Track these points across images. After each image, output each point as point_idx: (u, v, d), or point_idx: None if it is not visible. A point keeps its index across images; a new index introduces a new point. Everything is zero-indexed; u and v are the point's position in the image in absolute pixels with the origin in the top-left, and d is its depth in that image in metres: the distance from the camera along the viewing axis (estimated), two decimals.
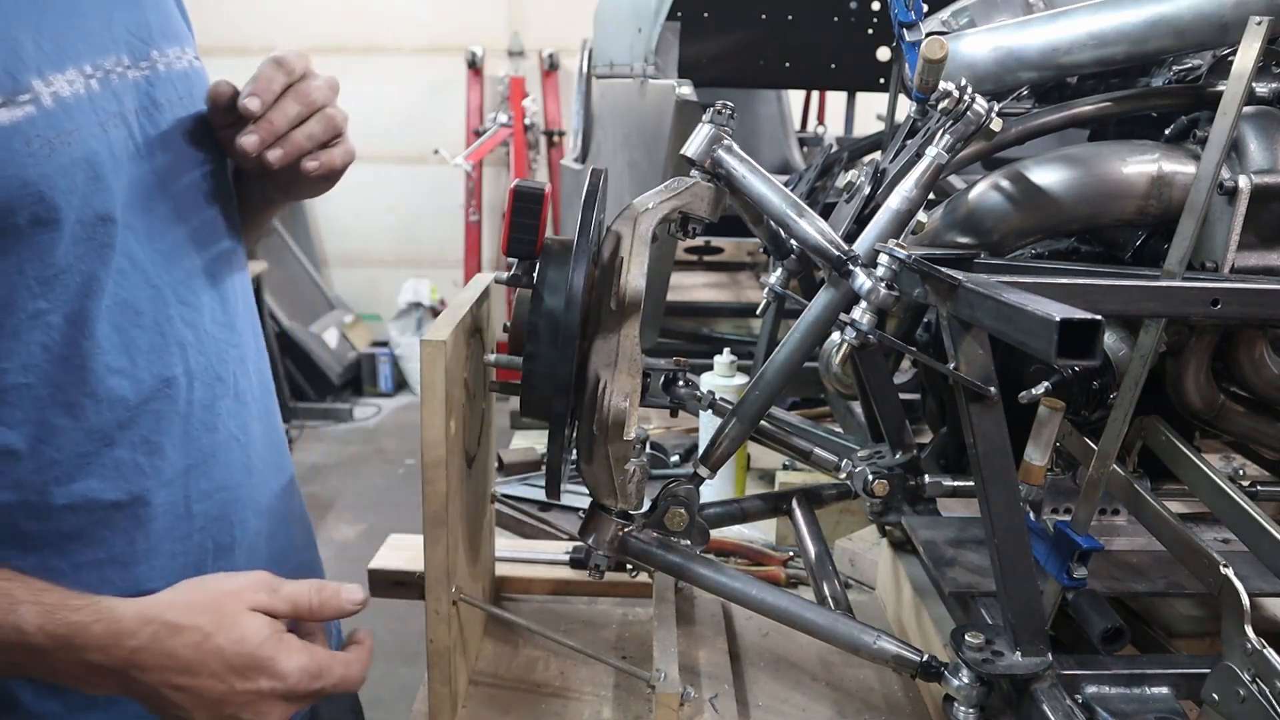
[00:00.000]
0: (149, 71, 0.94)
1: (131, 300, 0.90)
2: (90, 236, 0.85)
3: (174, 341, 0.93)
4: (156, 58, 0.96)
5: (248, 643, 0.80)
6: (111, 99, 0.89)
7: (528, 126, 6.07)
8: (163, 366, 0.92)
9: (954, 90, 1.01)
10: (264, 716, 0.82)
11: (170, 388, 0.93)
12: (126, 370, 0.89)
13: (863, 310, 0.96)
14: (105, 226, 0.86)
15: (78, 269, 0.84)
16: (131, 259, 0.89)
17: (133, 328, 0.90)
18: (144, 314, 0.91)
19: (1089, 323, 0.74)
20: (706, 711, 1.12)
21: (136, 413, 0.91)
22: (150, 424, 0.92)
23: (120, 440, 0.90)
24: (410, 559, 1.42)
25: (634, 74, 2.27)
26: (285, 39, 6.32)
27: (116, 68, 0.90)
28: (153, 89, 0.94)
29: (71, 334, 0.85)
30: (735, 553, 1.49)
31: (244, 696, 0.80)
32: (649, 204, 1.01)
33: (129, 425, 0.90)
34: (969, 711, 0.98)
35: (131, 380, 0.90)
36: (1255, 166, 1.04)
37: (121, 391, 0.89)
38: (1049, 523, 1.08)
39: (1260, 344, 1.08)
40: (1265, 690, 0.86)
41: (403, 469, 5.21)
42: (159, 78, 0.95)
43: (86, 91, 0.86)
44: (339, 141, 1.01)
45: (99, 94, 0.87)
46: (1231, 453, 1.47)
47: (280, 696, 0.82)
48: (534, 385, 0.98)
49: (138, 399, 0.90)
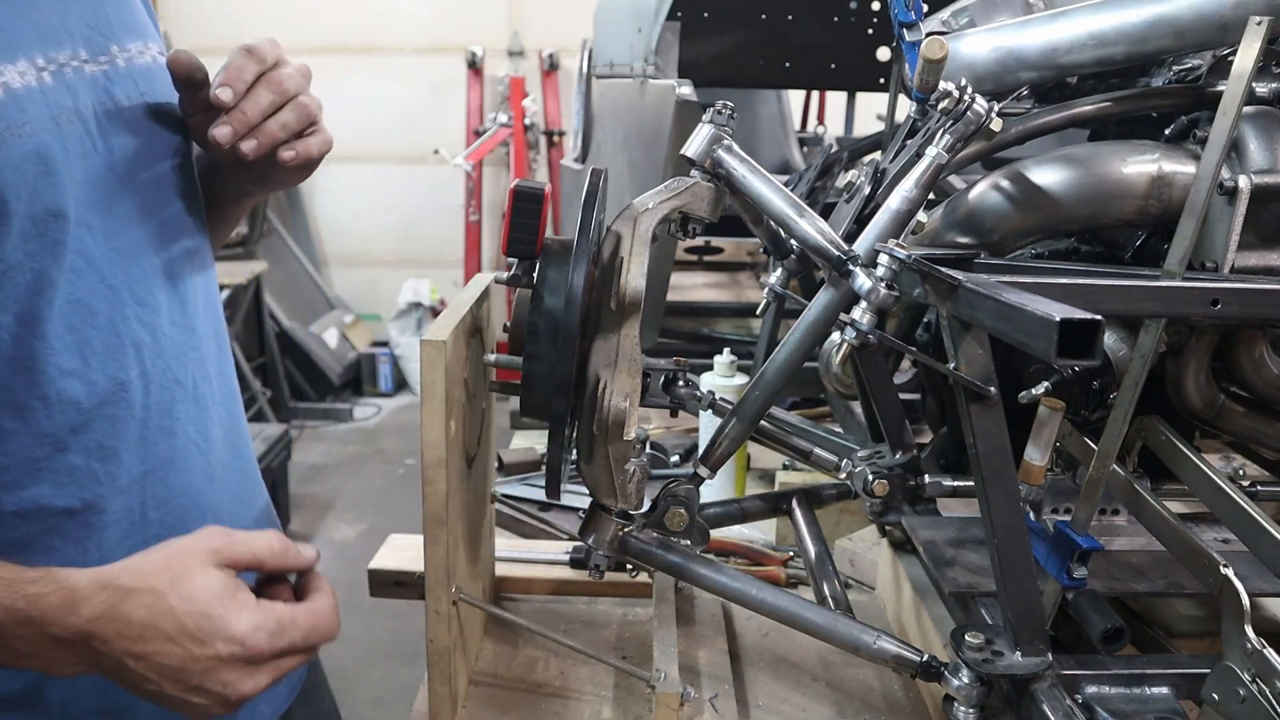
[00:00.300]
0: (108, 66, 0.92)
1: (86, 299, 0.87)
2: (41, 233, 0.82)
3: (129, 343, 0.90)
4: (116, 52, 0.93)
5: (198, 600, 0.76)
6: (65, 93, 0.86)
7: (528, 126, 6.08)
8: (117, 368, 0.89)
9: (954, 90, 1.01)
10: (231, 685, 0.77)
11: (125, 390, 0.90)
12: (79, 372, 0.87)
13: (863, 310, 0.96)
14: (57, 222, 0.83)
15: (27, 266, 0.82)
16: (87, 257, 0.87)
17: (87, 328, 0.87)
18: (99, 314, 0.88)
19: (1089, 323, 0.74)
20: (706, 711, 1.12)
21: (90, 416, 0.88)
22: (104, 428, 0.89)
23: (73, 445, 0.87)
24: (410, 559, 1.42)
25: (634, 74, 2.27)
26: (285, 39, 6.29)
27: (72, 61, 0.87)
28: (111, 84, 0.91)
29: (21, 334, 0.83)
30: (735, 553, 1.49)
31: (202, 663, 0.76)
32: (649, 204, 1.01)
33: (82, 429, 0.87)
34: (969, 711, 0.98)
35: (84, 382, 0.87)
36: (1255, 166, 1.04)
37: (74, 394, 0.86)
38: (1049, 523, 1.08)
39: (1260, 344, 1.08)
40: (1265, 690, 0.86)
41: (403, 469, 5.21)
42: (118, 73, 0.93)
43: (39, 84, 0.83)
44: (314, 130, 0.99)
45: (52, 87, 0.84)
46: (1231, 453, 1.47)
47: (242, 661, 0.77)
48: (534, 385, 0.98)
49: (91, 402, 0.87)
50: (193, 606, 0.76)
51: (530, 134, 6.11)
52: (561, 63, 6.20)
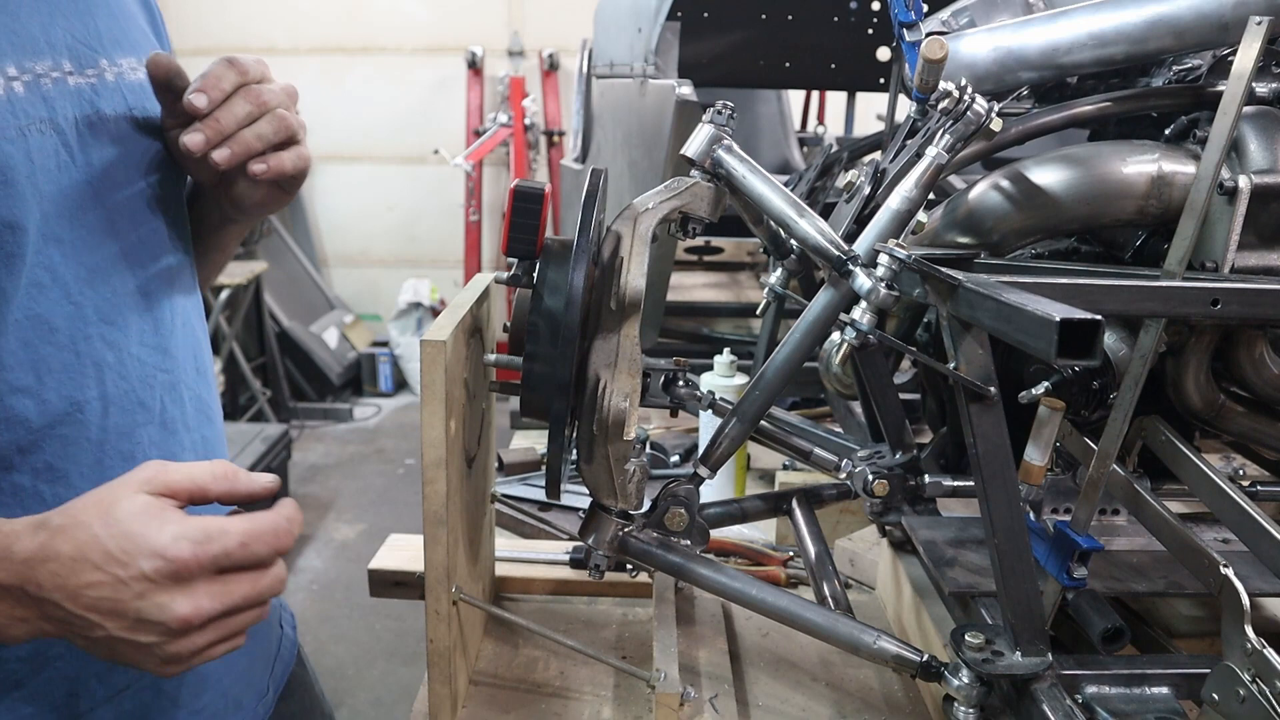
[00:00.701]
0: (95, 80, 0.89)
1: (46, 315, 0.83)
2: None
3: (90, 362, 0.87)
4: (105, 67, 0.91)
5: (120, 522, 0.72)
6: (40, 104, 0.83)
7: (528, 126, 6.08)
8: (74, 388, 0.86)
9: (954, 90, 1.01)
10: (166, 609, 0.72)
11: (81, 411, 0.86)
12: (32, 389, 0.83)
13: (863, 310, 0.97)
14: (13, 234, 0.79)
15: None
16: (52, 272, 0.83)
17: (44, 345, 0.83)
18: (59, 331, 0.84)
19: (1089, 323, 0.74)
20: (706, 711, 1.13)
21: (40, 436, 0.84)
22: (55, 449, 0.85)
23: (20, 465, 0.84)
24: (410, 559, 1.42)
25: (634, 74, 2.27)
26: (285, 39, 6.33)
27: (52, 72, 0.85)
28: (97, 98, 0.89)
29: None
30: (735, 553, 1.49)
31: (132, 587, 0.71)
32: (649, 204, 1.01)
33: (30, 449, 0.83)
34: (969, 711, 0.98)
35: (36, 400, 0.83)
36: (1255, 166, 1.04)
37: (24, 412, 0.82)
38: (1049, 523, 1.08)
39: (1260, 344, 1.08)
40: (1265, 690, 0.86)
41: (403, 469, 5.22)
42: (106, 87, 0.90)
43: (5, 93, 0.80)
44: (293, 146, 0.96)
45: (22, 97, 0.81)
46: (1231, 453, 1.47)
47: (169, 577, 0.72)
48: (534, 385, 0.98)
49: (42, 421, 0.84)
50: (114, 529, 0.72)
51: (530, 134, 6.12)
52: (561, 63, 6.21)
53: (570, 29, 5.38)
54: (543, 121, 6.23)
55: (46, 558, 0.72)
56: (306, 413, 5.91)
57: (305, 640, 1.30)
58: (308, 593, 3.87)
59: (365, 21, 6.30)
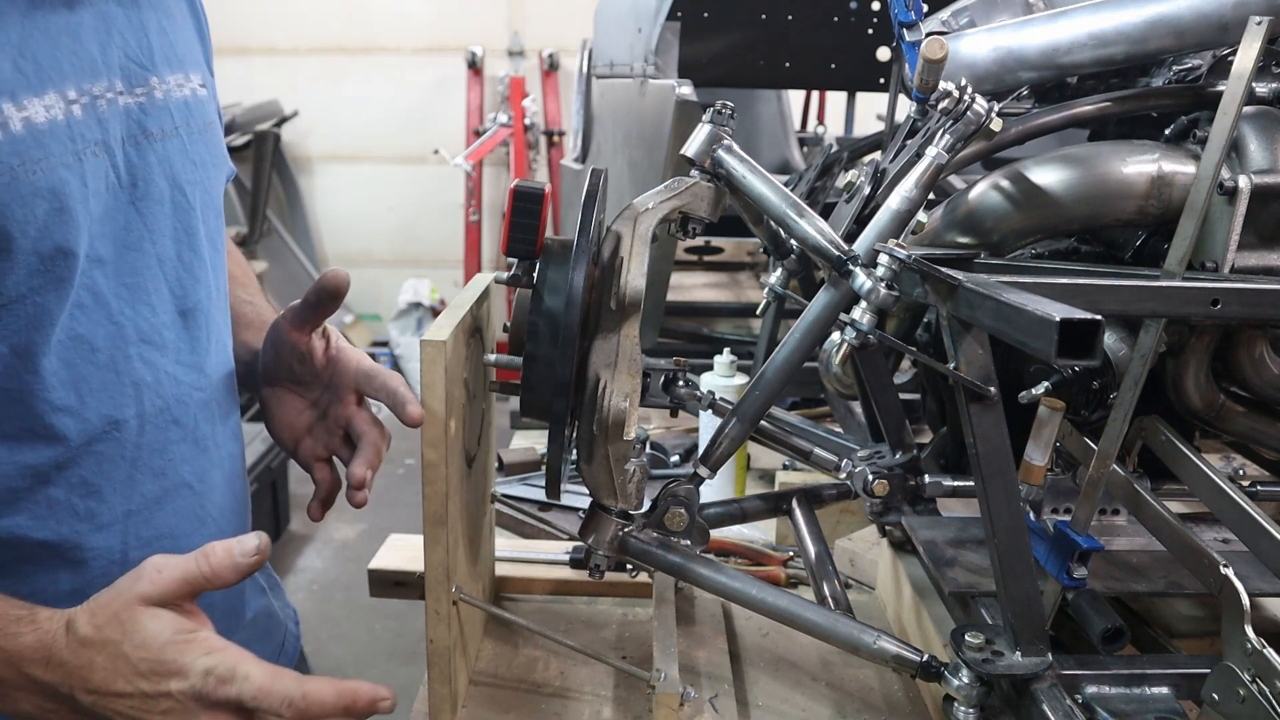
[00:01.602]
0: (144, 99, 0.90)
1: (88, 336, 0.85)
2: (48, 269, 0.80)
3: (129, 381, 0.89)
4: (155, 84, 0.91)
5: (149, 647, 0.76)
6: (96, 126, 0.84)
7: (528, 126, 6.07)
8: (113, 407, 0.87)
9: (954, 90, 1.01)
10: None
11: (118, 430, 0.88)
12: (72, 409, 0.85)
13: (863, 310, 0.96)
14: (66, 260, 0.81)
15: (30, 300, 0.80)
16: (95, 293, 0.85)
17: (85, 364, 0.85)
18: (99, 351, 0.86)
19: (1089, 323, 0.74)
20: (706, 711, 1.12)
21: (78, 453, 0.86)
22: (91, 466, 0.87)
23: (56, 480, 0.86)
24: (410, 559, 1.42)
25: (634, 74, 2.27)
26: (285, 39, 6.33)
27: (106, 93, 0.85)
28: (145, 117, 0.90)
29: (15, 366, 0.81)
30: (735, 553, 1.49)
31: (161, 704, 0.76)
32: (649, 204, 1.01)
33: (68, 465, 0.85)
34: (969, 711, 0.98)
35: (77, 419, 0.85)
36: (1255, 166, 1.04)
37: (64, 431, 0.84)
38: (1049, 523, 1.08)
39: (1260, 344, 1.08)
40: (1265, 690, 0.86)
41: (403, 469, 5.21)
42: (154, 105, 0.91)
43: (65, 117, 0.81)
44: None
45: (80, 120, 0.82)
46: (1231, 453, 1.47)
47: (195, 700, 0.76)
48: (534, 385, 0.98)
49: (80, 439, 0.86)
50: (145, 653, 0.76)
51: (530, 134, 6.11)
52: (561, 63, 6.20)
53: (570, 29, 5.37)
54: (543, 121, 6.23)
55: (80, 666, 0.76)
56: None
57: (305, 640, 1.30)
58: (308, 593, 3.87)
59: (365, 21, 6.30)
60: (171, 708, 0.76)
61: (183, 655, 0.76)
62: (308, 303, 1.01)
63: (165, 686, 0.76)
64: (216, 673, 0.76)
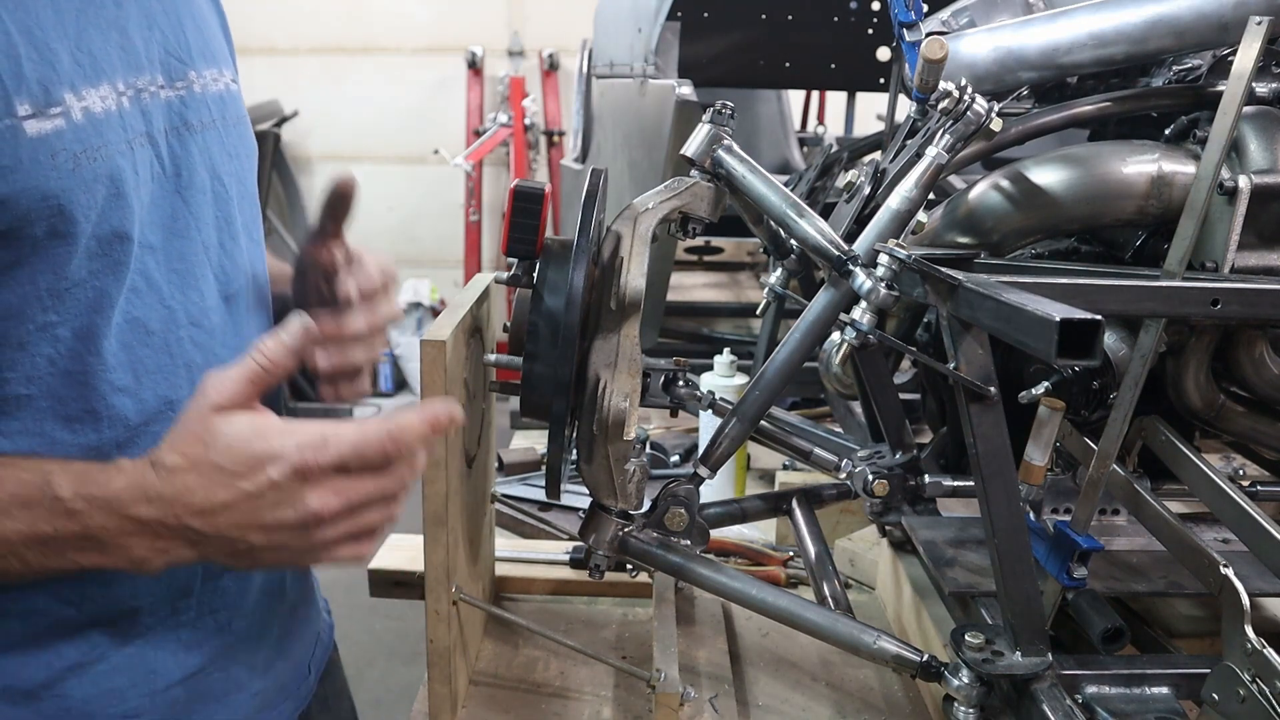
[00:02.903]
0: (184, 92, 0.93)
1: (143, 319, 0.88)
2: (106, 253, 0.83)
3: (182, 363, 0.91)
4: (194, 79, 0.95)
5: (234, 448, 0.78)
6: (141, 118, 0.87)
7: (528, 126, 6.07)
8: (168, 388, 0.90)
9: (954, 90, 1.01)
10: (301, 506, 0.79)
11: (173, 410, 0.90)
12: (131, 389, 0.88)
13: (863, 310, 0.96)
14: (122, 244, 0.84)
15: (90, 284, 0.83)
16: (147, 278, 0.88)
17: (142, 347, 0.88)
18: (155, 334, 0.89)
19: (1089, 323, 0.74)
20: (706, 711, 1.13)
21: (137, 433, 0.88)
22: (149, 445, 0.87)
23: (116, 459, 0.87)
24: (410, 559, 1.42)
25: (634, 74, 2.27)
26: (285, 39, 6.32)
27: (150, 86, 0.89)
28: (185, 110, 0.93)
29: (78, 349, 0.84)
30: (735, 553, 1.49)
31: (267, 497, 0.78)
32: (649, 204, 1.01)
33: (127, 445, 0.88)
34: (969, 711, 0.98)
35: (135, 400, 0.88)
36: (1255, 166, 1.04)
37: (124, 410, 0.87)
38: (1049, 523, 1.08)
39: (1260, 344, 1.08)
40: (1265, 690, 0.86)
41: None
42: (193, 99, 0.94)
43: (118, 108, 0.84)
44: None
45: (129, 111, 0.86)
46: (1231, 453, 1.47)
47: (296, 478, 0.79)
48: (534, 385, 0.98)
49: (139, 419, 0.88)
50: (232, 454, 0.78)
51: (530, 134, 6.11)
52: (561, 63, 6.20)
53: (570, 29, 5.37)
54: (543, 121, 6.22)
55: (180, 491, 0.78)
56: (306, 412, 5.87)
57: None
58: None
59: (365, 21, 6.29)
60: (279, 498, 0.79)
61: (269, 442, 0.79)
62: (322, 215, 1.03)
63: (264, 477, 0.78)
64: (309, 444, 0.79)
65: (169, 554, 0.81)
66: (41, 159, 0.77)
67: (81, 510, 0.78)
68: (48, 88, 0.78)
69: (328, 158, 6.42)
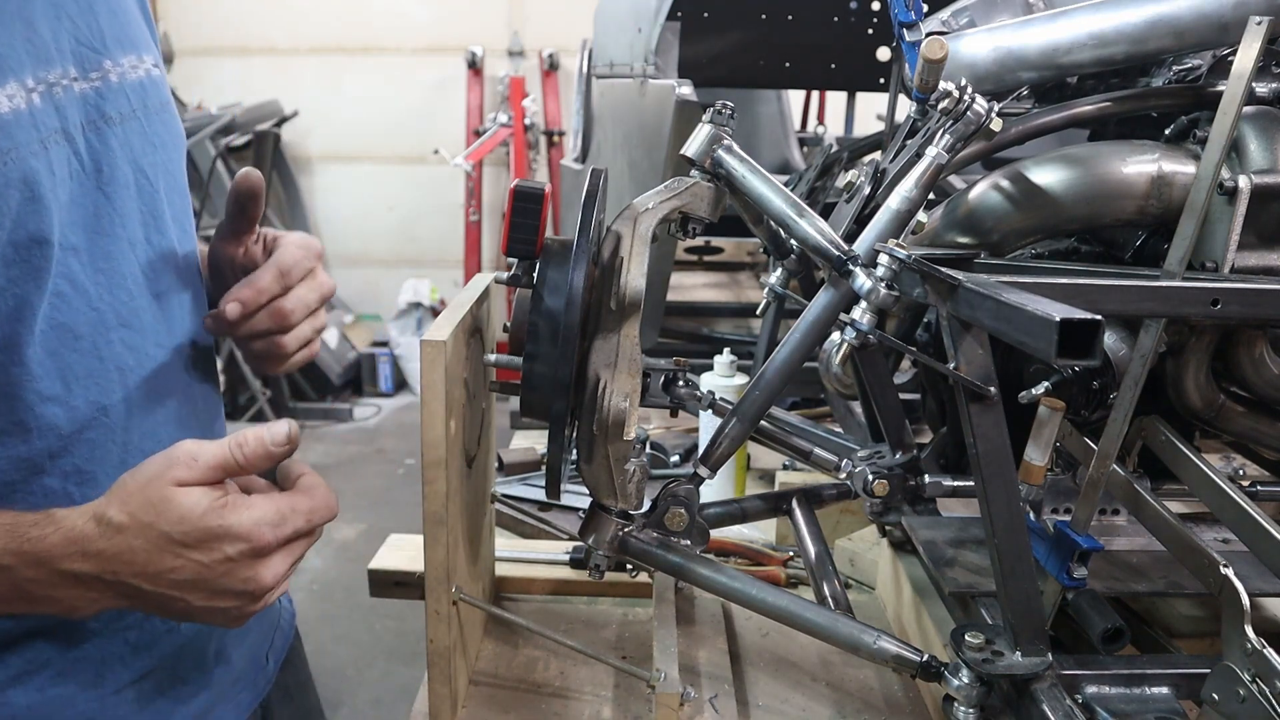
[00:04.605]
0: (99, 83, 0.88)
1: (70, 324, 0.84)
2: (24, 259, 0.79)
3: (113, 366, 0.88)
4: (109, 68, 0.90)
5: (189, 520, 0.77)
6: (54, 114, 0.82)
7: (528, 126, 6.08)
8: (100, 393, 0.87)
9: (954, 90, 1.01)
10: (251, 580, 0.80)
11: (106, 415, 0.88)
12: (60, 398, 0.85)
13: (863, 310, 0.96)
14: (40, 249, 0.80)
15: (9, 292, 0.79)
16: (72, 281, 0.84)
17: (70, 352, 0.85)
18: (82, 338, 0.86)
19: (1089, 323, 0.74)
20: (706, 711, 1.13)
21: (70, 441, 0.86)
22: (84, 453, 0.87)
23: (50, 469, 0.86)
24: (410, 559, 1.42)
25: (634, 74, 2.27)
26: (285, 39, 6.33)
27: (62, 80, 0.84)
28: (103, 101, 0.88)
29: (1, 361, 0.80)
30: (735, 553, 1.49)
31: (217, 569, 0.78)
32: (649, 204, 1.01)
33: (60, 454, 0.86)
34: (969, 711, 0.98)
35: (65, 408, 0.85)
36: (1255, 166, 1.04)
37: (54, 420, 0.84)
38: (1049, 523, 1.08)
39: (1260, 344, 1.08)
40: (1265, 690, 0.86)
41: (403, 469, 5.21)
42: (110, 89, 0.89)
43: (28, 106, 0.79)
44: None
45: (40, 109, 0.81)
46: (1231, 453, 1.47)
47: (252, 556, 0.79)
48: (534, 385, 0.98)
49: (71, 427, 0.86)
50: (185, 527, 0.77)
51: (530, 134, 6.12)
52: (561, 63, 6.21)
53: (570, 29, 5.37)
54: (543, 121, 6.23)
55: (121, 551, 0.78)
56: (306, 413, 5.90)
57: (305, 641, 1.30)
58: (308, 593, 3.87)
59: (365, 21, 6.30)
60: (230, 570, 0.79)
61: (225, 519, 0.78)
62: (230, 214, 1.01)
63: (219, 553, 0.78)
64: (267, 522, 0.79)
65: (100, 603, 0.80)
66: None
67: (11, 565, 0.77)
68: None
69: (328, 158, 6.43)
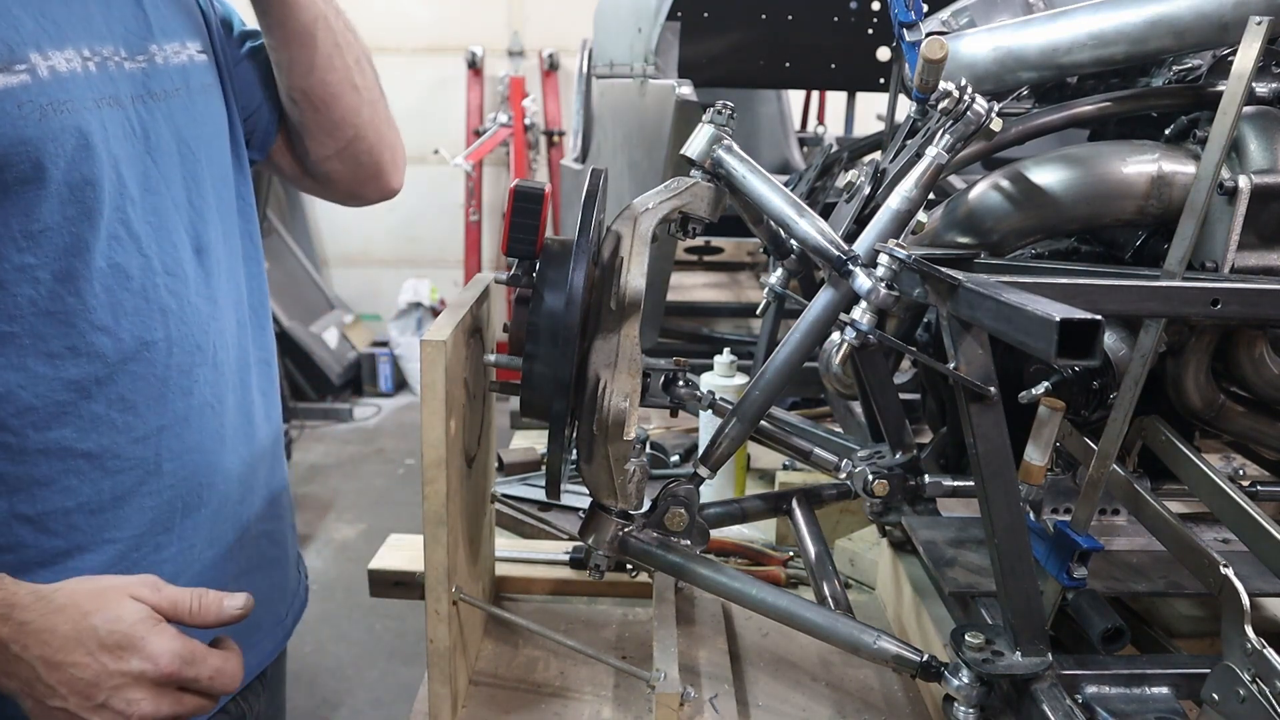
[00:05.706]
0: (146, 64, 1.00)
1: (123, 265, 0.95)
2: (78, 199, 0.90)
3: (157, 308, 0.99)
4: (155, 52, 1.02)
5: (123, 621, 0.82)
6: (108, 82, 0.94)
7: (528, 126, 6.07)
8: (144, 330, 0.98)
9: (954, 90, 1.01)
10: (134, 704, 0.81)
11: (149, 350, 0.98)
12: (109, 329, 0.95)
13: (863, 310, 0.97)
14: (92, 191, 0.91)
15: (65, 229, 0.90)
16: (126, 227, 0.95)
17: (121, 290, 0.95)
18: (133, 279, 0.96)
19: (1089, 323, 0.74)
20: (706, 711, 1.13)
21: (115, 370, 0.96)
22: (127, 383, 0.97)
23: (96, 395, 0.95)
24: (410, 559, 1.42)
25: (634, 74, 2.27)
26: None
27: (114, 56, 0.96)
28: (149, 80, 1.00)
29: (58, 290, 0.91)
30: (735, 553, 1.49)
31: (115, 679, 0.81)
32: (649, 204, 1.01)
33: (106, 381, 0.95)
34: (969, 711, 0.98)
35: (113, 339, 0.95)
36: (1255, 166, 1.04)
37: (103, 349, 0.95)
38: (1049, 523, 1.08)
39: (1260, 344, 1.08)
40: (1265, 690, 0.86)
41: (403, 469, 5.21)
42: (156, 70, 1.01)
43: (83, 71, 0.91)
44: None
45: (95, 75, 0.93)
46: (1231, 453, 1.47)
47: (151, 681, 0.82)
48: (534, 385, 0.98)
49: (117, 357, 0.96)
50: (116, 627, 0.82)
51: (530, 134, 6.11)
52: (561, 63, 6.20)
53: (570, 29, 5.37)
54: (543, 121, 6.23)
55: (43, 629, 0.81)
56: (306, 413, 5.90)
57: (306, 640, 1.30)
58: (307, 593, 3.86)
59: (365, 21, 6.21)
60: (123, 684, 0.81)
61: (148, 634, 0.82)
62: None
63: (127, 665, 0.81)
64: (183, 657, 0.83)
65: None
66: (8, 109, 0.85)
67: None
68: (12, 46, 0.85)
69: None
